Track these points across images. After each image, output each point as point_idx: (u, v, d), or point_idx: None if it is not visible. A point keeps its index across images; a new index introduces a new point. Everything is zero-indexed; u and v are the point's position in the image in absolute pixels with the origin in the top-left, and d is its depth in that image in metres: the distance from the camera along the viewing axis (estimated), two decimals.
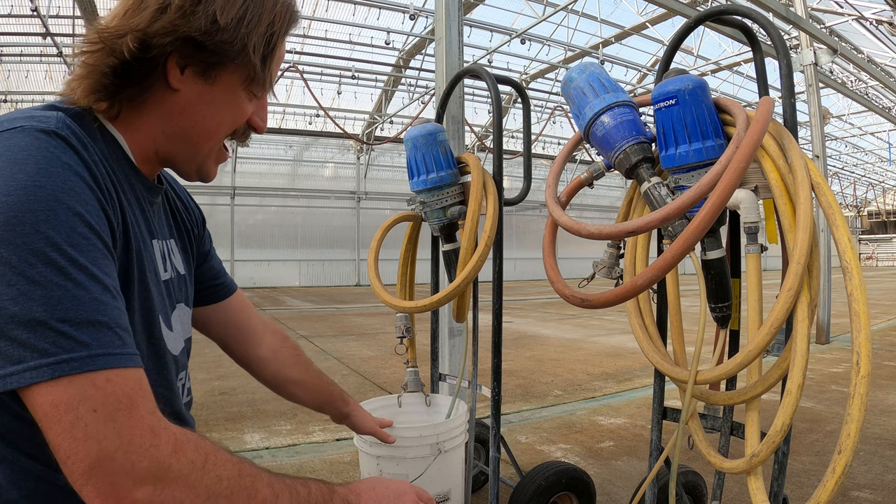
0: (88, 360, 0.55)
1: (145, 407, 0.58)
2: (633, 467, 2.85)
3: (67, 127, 0.64)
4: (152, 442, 0.57)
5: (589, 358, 5.97)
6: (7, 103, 14.94)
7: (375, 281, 2.02)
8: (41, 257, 0.55)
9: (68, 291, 0.56)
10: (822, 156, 7.02)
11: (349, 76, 15.78)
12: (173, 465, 0.57)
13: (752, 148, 1.13)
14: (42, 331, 0.54)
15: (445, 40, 3.04)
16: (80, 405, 0.54)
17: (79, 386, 0.55)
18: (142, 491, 0.55)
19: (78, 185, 0.60)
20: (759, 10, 2.84)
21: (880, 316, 9.57)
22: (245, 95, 0.77)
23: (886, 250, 43.75)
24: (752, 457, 1.22)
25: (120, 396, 0.56)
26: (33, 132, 0.60)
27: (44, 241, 0.56)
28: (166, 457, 0.57)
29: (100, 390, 0.55)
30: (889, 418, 3.57)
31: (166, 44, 0.69)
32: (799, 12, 7.06)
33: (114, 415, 0.55)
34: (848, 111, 20.98)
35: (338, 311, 11.44)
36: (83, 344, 0.56)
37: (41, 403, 0.54)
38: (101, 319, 0.57)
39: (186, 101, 0.74)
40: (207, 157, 0.81)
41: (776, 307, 1.15)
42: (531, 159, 2.25)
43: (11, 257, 0.54)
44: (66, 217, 0.58)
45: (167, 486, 0.56)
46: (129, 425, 0.56)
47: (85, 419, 0.54)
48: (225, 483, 0.61)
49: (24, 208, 0.56)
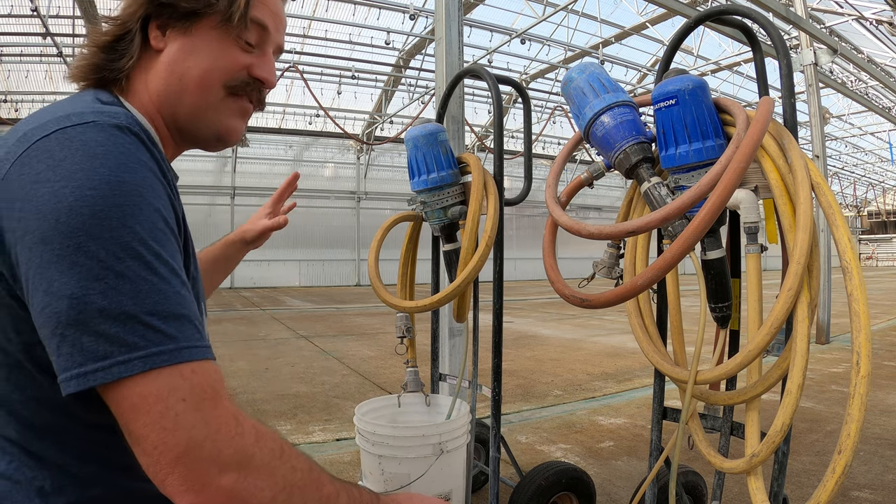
0: (176, 353, 0.57)
1: (227, 397, 0.60)
2: (633, 467, 2.85)
3: (137, 123, 0.65)
4: (237, 430, 0.58)
5: (589, 358, 5.97)
6: (7, 103, 14.94)
7: (376, 281, 2.02)
8: (129, 252, 0.56)
9: (154, 286, 0.57)
10: (822, 156, 7.02)
11: (349, 76, 15.78)
12: (256, 453, 0.59)
13: (752, 148, 1.13)
14: (132, 325, 0.55)
15: (445, 40, 3.04)
16: (170, 396, 0.55)
17: (168, 377, 0.55)
18: (226, 478, 0.56)
19: (153, 181, 0.62)
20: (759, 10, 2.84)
21: (880, 316, 9.58)
22: (233, 43, 0.76)
23: (886, 250, 43.75)
24: (752, 457, 1.22)
25: (205, 387, 0.58)
26: (107, 128, 0.61)
27: (131, 236, 0.56)
28: (250, 445, 0.58)
29: (187, 381, 0.56)
30: (889, 418, 3.57)
31: (137, 11, 0.73)
32: (799, 12, 7.06)
33: (201, 404, 0.56)
34: (848, 111, 20.97)
35: (338, 310, 11.44)
36: (171, 337, 0.57)
37: (128, 396, 0.55)
38: (185, 313, 0.59)
39: (169, 58, 0.75)
40: (215, 111, 0.78)
41: (776, 307, 1.16)
42: (532, 159, 2.25)
43: (100, 251, 0.55)
44: (149, 212, 0.59)
45: (250, 473, 0.58)
46: (216, 414, 0.57)
47: (175, 409, 0.55)
48: (299, 475, 0.62)
49: (111, 203, 0.56)
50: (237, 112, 0.81)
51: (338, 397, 4.31)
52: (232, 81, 0.78)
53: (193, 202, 17.96)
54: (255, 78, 0.80)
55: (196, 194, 18.10)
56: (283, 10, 0.85)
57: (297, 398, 4.28)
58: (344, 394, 4.42)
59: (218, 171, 19.20)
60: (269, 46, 0.82)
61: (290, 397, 4.31)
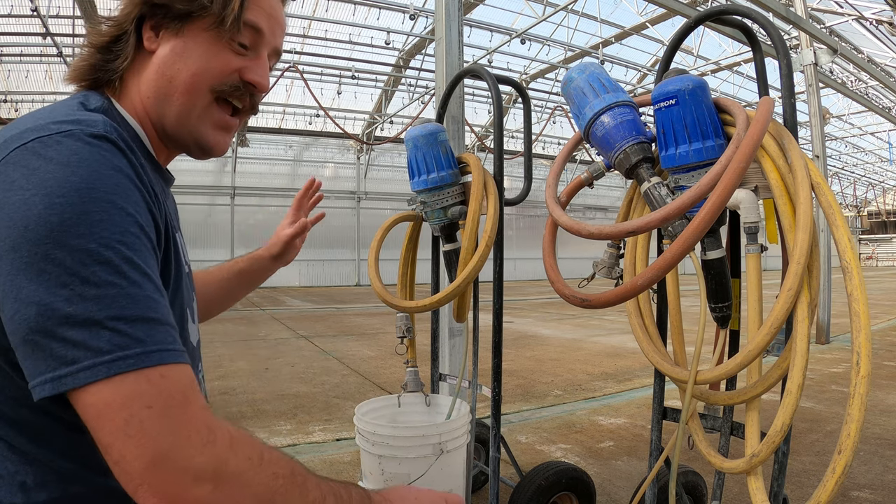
0: (143, 357, 0.55)
1: (198, 403, 0.57)
2: (633, 467, 2.85)
3: (115, 130, 0.65)
4: (209, 438, 0.55)
5: (589, 358, 5.97)
6: (7, 103, 14.94)
7: (376, 281, 2.02)
8: (95, 257, 0.55)
9: (123, 289, 0.56)
10: (822, 156, 7.02)
11: (349, 76, 15.78)
12: (231, 460, 0.56)
13: (752, 148, 1.13)
14: (97, 330, 0.54)
15: (445, 40, 3.04)
16: (134, 402, 0.53)
17: (133, 383, 0.54)
18: (200, 489, 0.54)
19: (128, 188, 0.61)
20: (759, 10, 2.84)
21: (880, 316, 9.58)
22: (225, 46, 0.76)
23: (886, 250, 43.74)
24: (752, 457, 1.22)
25: (173, 392, 0.55)
26: (84, 136, 0.61)
27: (97, 242, 0.56)
28: (224, 452, 0.56)
29: (154, 386, 0.54)
30: (889, 418, 3.57)
31: (132, 12, 0.73)
32: (799, 12, 7.06)
33: (168, 411, 0.54)
34: (848, 111, 20.97)
35: (338, 311, 11.44)
36: (138, 340, 0.55)
37: (93, 403, 0.53)
38: (154, 316, 0.58)
39: (160, 59, 0.75)
40: (199, 119, 0.78)
41: (776, 307, 1.16)
42: (532, 159, 2.25)
43: (66, 258, 0.54)
44: (120, 218, 0.59)
45: (225, 483, 0.55)
46: (185, 420, 0.55)
47: (139, 416, 0.53)
48: (280, 481, 0.59)
49: (79, 210, 0.56)
50: (220, 125, 0.79)
51: (338, 397, 4.31)
52: (221, 86, 0.77)
53: (193, 202, 17.96)
54: (247, 82, 0.79)
55: (196, 194, 18.10)
56: (282, 13, 0.83)
57: (298, 398, 4.28)
58: (344, 394, 4.42)
59: (218, 171, 19.20)
60: (264, 49, 0.80)
61: (290, 397, 4.31)
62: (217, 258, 19.76)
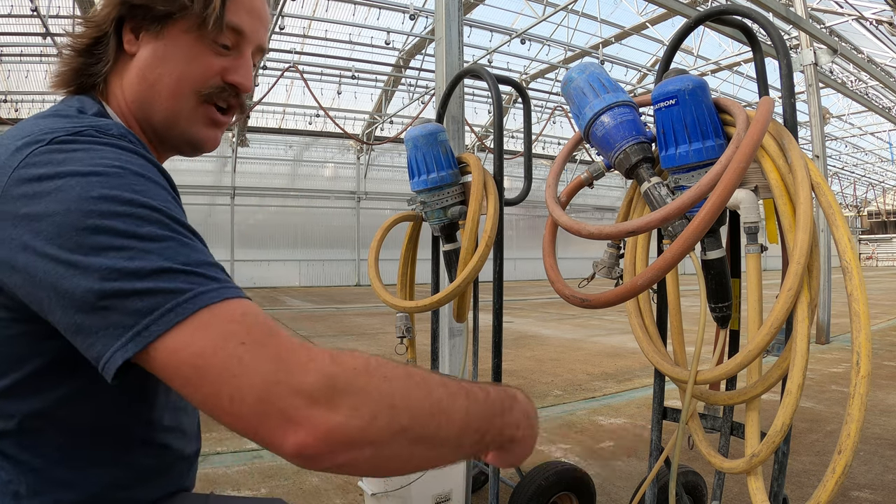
0: (224, 290, 0.55)
1: (284, 331, 0.56)
2: (633, 467, 2.85)
3: (130, 133, 0.66)
4: (309, 356, 0.53)
5: (589, 358, 5.97)
6: (7, 103, 14.94)
7: (376, 281, 2.02)
8: (146, 218, 0.56)
9: (182, 241, 0.57)
10: (822, 156, 7.02)
11: (349, 76, 15.78)
12: (339, 374, 0.53)
13: (752, 148, 1.13)
14: (170, 275, 0.53)
15: (445, 40, 3.04)
16: (228, 342, 0.52)
17: (219, 323, 0.53)
18: (317, 408, 0.51)
19: (152, 169, 0.63)
20: (759, 10, 2.84)
21: (880, 316, 9.58)
22: (207, 48, 0.74)
23: (886, 250, 43.74)
24: (752, 457, 1.22)
25: (261, 324, 0.54)
26: (100, 135, 0.62)
27: (143, 206, 0.57)
28: (328, 366, 0.53)
29: (239, 324, 0.53)
30: (889, 418, 3.57)
31: (111, 13, 0.72)
32: (799, 12, 7.06)
33: (263, 342, 0.53)
34: (848, 111, 20.97)
35: (338, 311, 11.44)
36: (213, 279, 0.55)
37: (183, 352, 0.51)
38: (214, 261, 0.58)
39: (141, 64, 0.74)
40: (187, 120, 0.77)
41: (776, 307, 1.16)
42: (532, 159, 2.25)
43: (117, 224, 0.54)
44: (156, 188, 0.60)
45: (338, 394, 0.52)
46: (283, 348, 0.53)
47: (237, 354, 0.51)
48: (395, 383, 0.56)
49: (116, 182, 0.57)
50: (210, 122, 0.79)
51: None
52: (205, 89, 0.76)
53: (193, 202, 17.96)
54: (230, 84, 0.77)
55: (196, 194, 18.10)
56: (264, 7, 0.81)
57: None
58: None
59: (218, 171, 19.19)
60: (247, 48, 0.78)
61: None
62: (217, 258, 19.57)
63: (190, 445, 0.82)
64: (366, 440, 0.53)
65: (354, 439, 0.52)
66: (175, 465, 0.79)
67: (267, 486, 2.59)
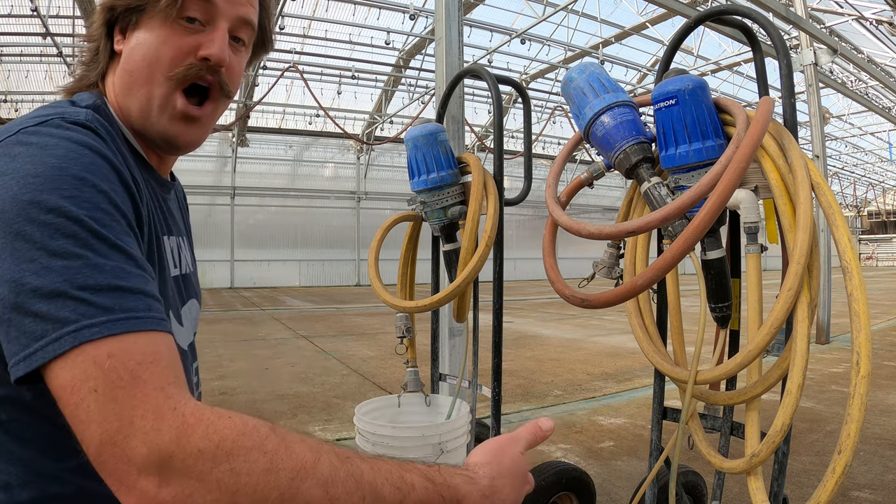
0: (110, 325, 0.53)
1: (153, 383, 0.52)
2: (633, 467, 2.85)
3: (97, 120, 0.67)
4: (154, 426, 0.50)
5: (589, 358, 5.97)
6: (7, 103, 14.94)
7: (376, 281, 2.02)
8: (63, 230, 0.55)
9: (89, 260, 0.55)
10: (822, 156, 7.02)
11: (349, 76, 15.78)
12: (175, 452, 0.50)
13: (752, 148, 1.13)
14: (62, 300, 0.53)
15: (445, 40, 3.04)
16: (83, 386, 0.51)
17: (80, 367, 0.51)
18: (147, 481, 0.49)
19: (104, 168, 0.62)
20: (759, 10, 2.84)
21: (880, 316, 9.58)
22: (178, 28, 0.74)
23: (886, 250, 43.74)
24: (752, 457, 1.22)
25: (121, 373, 0.52)
26: (63, 123, 0.63)
27: (65, 217, 0.56)
28: (167, 444, 0.50)
29: (101, 368, 0.51)
30: (889, 418, 3.57)
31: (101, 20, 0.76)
32: (799, 12, 7.06)
33: (115, 393, 0.51)
34: (848, 111, 20.97)
35: (338, 311, 11.44)
36: (104, 309, 0.53)
37: (57, 382, 0.52)
38: (123, 285, 0.56)
39: (123, 56, 0.76)
40: (160, 109, 0.76)
41: (776, 307, 1.16)
42: (532, 159, 2.25)
43: (35, 233, 0.54)
44: (90, 194, 0.58)
45: (172, 474, 0.50)
46: (131, 405, 0.51)
47: (87, 400, 0.51)
48: (251, 479, 0.51)
49: (50, 186, 0.57)
50: (179, 115, 0.77)
51: (338, 397, 4.31)
52: (177, 72, 0.75)
53: (193, 202, 17.76)
54: (203, 58, 0.75)
55: (196, 194, 18.11)
56: None
57: (297, 398, 4.28)
58: (344, 394, 4.42)
59: (218, 171, 19.20)
60: (222, 20, 0.76)
61: (290, 397, 4.31)
62: (217, 258, 19.86)
63: None
64: None
65: None
66: None
67: None
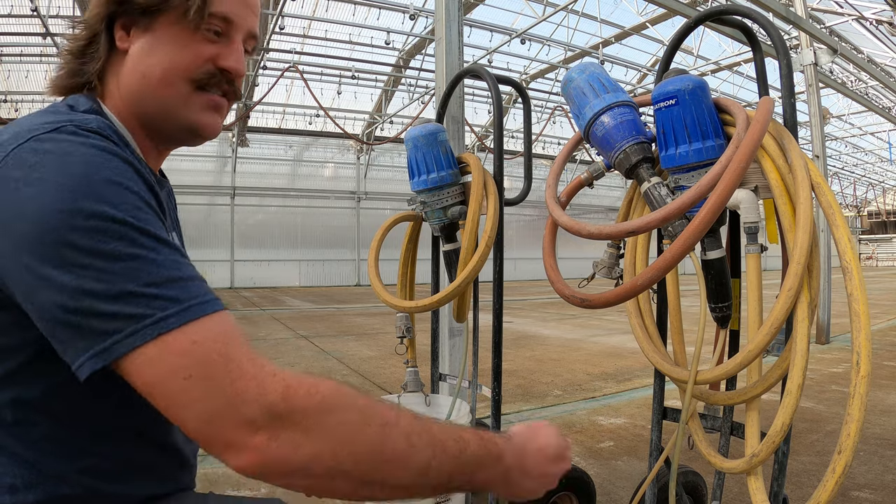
0: (182, 313, 0.57)
1: (243, 356, 0.58)
2: (633, 467, 2.85)
3: (108, 127, 0.67)
4: (259, 391, 0.56)
5: (589, 358, 5.97)
6: (7, 103, 14.93)
7: (376, 281, 2.02)
8: (111, 234, 0.57)
9: (145, 258, 0.58)
10: (822, 156, 7.02)
11: (349, 76, 15.78)
12: (284, 409, 0.56)
13: (752, 148, 1.13)
14: (132, 299, 0.56)
15: (445, 40, 3.04)
16: (175, 376, 0.55)
17: (167, 360, 0.55)
18: (259, 438, 0.55)
19: (128, 171, 0.63)
20: (759, 10, 2.84)
21: (880, 316, 9.58)
22: (196, 35, 0.75)
23: (886, 250, 43.73)
24: (752, 457, 1.22)
25: (211, 353, 0.56)
26: (78, 131, 0.63)
27: (110, 220, 0.57)
28: (275, 404, 0.56)
29: (189, 356, 0.55)
30: (889, 418, 3.57)
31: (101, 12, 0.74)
32: (799, 12, 7.06)
33: (211, 373, 0.55)
34: (848, 111, 20.97)
35: (338, 310, 11.44)
36: (173, 300, 0.57)
37: (142, 373, 0.55)
38: (181, 275, 0.59)
39: (133, 57, 0.75)
40: (184, 107, 0.78)
41: (776, 307, 1.16)
42: (532, 159, 2.25)
43: (83, 240, 0.56)
44: (126, 196, 0.60)
45: (282, 427, 0.56)
46: (232, 379, 0.56)
47: (184, 388, 0.55)
48: (347, 430, 0.58)
49: (85, 192, 0.57)
50: (208, 106, 0.79)
51: None
52: (197, 76, 0.77)
53: (193, 202, 17.97)
54: (222, 69, 0.78)
55: (196, 194, 18.10)
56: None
57: None
58: None
59: (218, 171, 19.19)
60: (237, 34, 0.79)
61: None
62: (217, 258, 19.86)
63: (188, 444, 0.82)
64: (302, 472, 0.57)
65: (291, 470, 0.56)
66: (173, 462, 0.79)
67: (267, 486, 2.59)
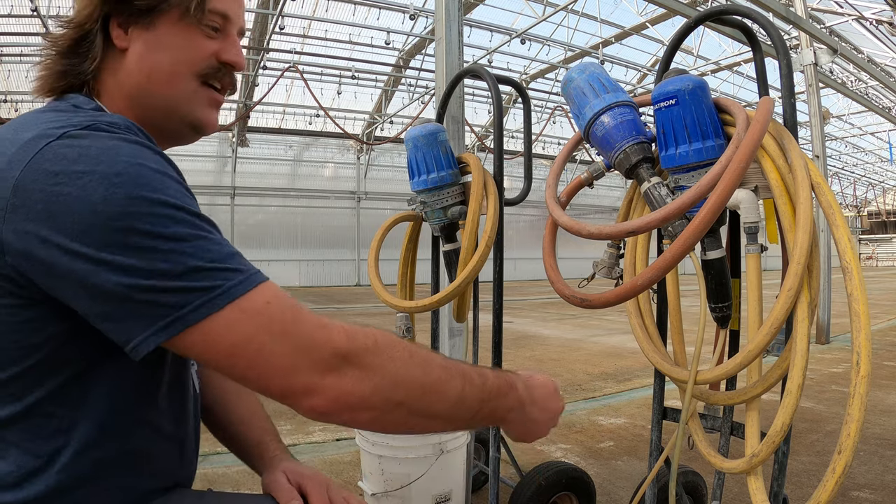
0: (247, 281, 0.61)
1: (306, 311, 0.64)
2: (633, 467, 2.85)
3: (134, 125, 0.68)
4: (327, 336, 0.63)
5: (589, 358, 5.97)
6: (7, 103, 14.93)
7: (376, 281, 2.02)
8: (172, 218, 0.60)
9: (205, 238, 0.62)
10: (822, 156, 7.02)
11: (349, 76, 15.76)
12: (350, 349, 0.63)
13: (752, 148, 1.13)
14: (200, 273, 0.59)
15: (445, 40, 3.04)
16: (258, 335, 0.60)
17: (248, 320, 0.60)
18: (332, 377, 0.62)
19: (164, 162, 0.66)
20: (759, 10, 2.84)
21: (880, 316, 9.57)
22: (198, 31, 0.77)
23: (886, 250, 43.72)
24: (752, 457, 1.22)
25: (285, 311, 0.62)
26: (112, 127, 0.64)
27: (168, 206, 0.60)
28: (344, 343, 0.63)
29: (265, 316, 0.61)
30: (889, 418, 3.57)
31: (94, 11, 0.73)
32: (799, 12, 7.06)
33: (287, 329, 0.61)
34: (848, 111, 20.96)
35: (338, 311, 11.44)
36: (236, 270, 0.61)
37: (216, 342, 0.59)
38: (234, 251, 0.64)
39: (137, 56, 0.75)
40: (189, 102, 0.79)
41: (776, 307, 1.16)
42: (532, 159, 2.25)
43: (145, 226, 0.58)
44: (172, 184, 0.63)
45: (348, 366, 0.63)
46: (304, 332, 0.62)
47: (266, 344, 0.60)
48: (398, 364, 0.66)
49: (138, 183, 0.59)
50: (210, 102, 0.82)
51: None
52: (203, 70, 0.79)
53: None
54: (224, 62, 0.81)
55: (196, 194, 17.26)
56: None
57: None
58: None
59: (218, 171, 19.18)
60: (233, 29, 0.82)
61: None
62: None
63: (189, 444, 0.83)
64: (366, 406, 0.64)
65: (357, 404, 0.63)
66: (174, 457, 0.79)
67: None
